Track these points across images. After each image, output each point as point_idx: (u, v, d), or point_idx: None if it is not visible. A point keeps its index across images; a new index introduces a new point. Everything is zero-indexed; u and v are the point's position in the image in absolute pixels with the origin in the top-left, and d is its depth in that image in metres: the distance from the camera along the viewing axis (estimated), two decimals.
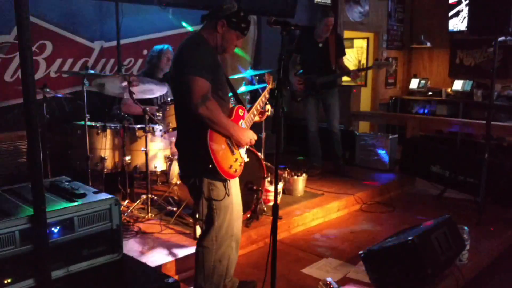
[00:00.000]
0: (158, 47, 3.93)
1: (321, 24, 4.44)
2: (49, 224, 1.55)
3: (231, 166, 2.19)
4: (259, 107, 2.51)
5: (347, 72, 4.62)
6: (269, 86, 2.84)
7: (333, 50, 4.57)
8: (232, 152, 2.22)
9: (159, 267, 2.70)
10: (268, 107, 2.57)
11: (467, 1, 6.74)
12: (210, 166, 2.09)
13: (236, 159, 2.24)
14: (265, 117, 2.58)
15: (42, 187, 1.32)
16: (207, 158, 2.08)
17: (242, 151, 2.32)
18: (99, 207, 1.68)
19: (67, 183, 1.84)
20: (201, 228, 2.32)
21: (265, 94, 2.57)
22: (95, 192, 1.76)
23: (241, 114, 2.36)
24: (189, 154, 2.24)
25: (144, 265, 1.95)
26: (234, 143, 2.23)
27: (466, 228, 3.00)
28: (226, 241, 2.28)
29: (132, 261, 1.94)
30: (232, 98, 2.65)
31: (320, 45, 4.56)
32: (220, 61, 2.27)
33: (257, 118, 2.51)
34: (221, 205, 2.22)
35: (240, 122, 2.33)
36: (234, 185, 2.33)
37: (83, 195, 1.70)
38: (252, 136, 2.28)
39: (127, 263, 1.80)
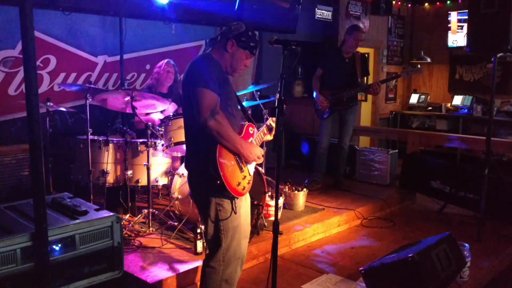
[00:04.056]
0: (160, 62, 4.02)
1: (350, 37, 4.54)
2: (51, 242, 1.56)
3: (239, 184, 2.17)
4: (269, 126, 2.50)
5: (367, 86, 4.64)
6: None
7: (358, 67, 4.65)
8: (241, 169, 2.19)
9: (160, 282, 2.69)
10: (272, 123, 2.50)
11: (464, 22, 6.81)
12: (218, 182, 2.06)
13: (245, 177, 2.22)
14: (274, 132, 2.47)
15: (44, 205, 1.33)
16: (215, 173, 2.06)
17: (251, 168, 2.30)
18: (101, 225, 1.68)
19: (69, 200, 1.84)
20: (209, 248, 2.27)
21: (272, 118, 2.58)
22: (96, 210, 1.77)
23: (251, 132, 2.36)
24: (198, 171, 2.21)
25: (144, 282, 1.95)
26: (243, 160, 2.21)
27: (466, 245, 2.99)
28: (233, 261, 2.24)
29: (133, 279, 1.94)
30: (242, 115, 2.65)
31: (347, 60, 4.64)
32: (228, 79, 2.28)
33: (268, 137, 2.45)
34: (229, 226, 2.18)
35: (249, 140, 2.33)
36: (244, 205, 2.31)
37: (84, 213, 1.71)
38: (260, 153, 2.27)
39: (128, 281, 1.79)
